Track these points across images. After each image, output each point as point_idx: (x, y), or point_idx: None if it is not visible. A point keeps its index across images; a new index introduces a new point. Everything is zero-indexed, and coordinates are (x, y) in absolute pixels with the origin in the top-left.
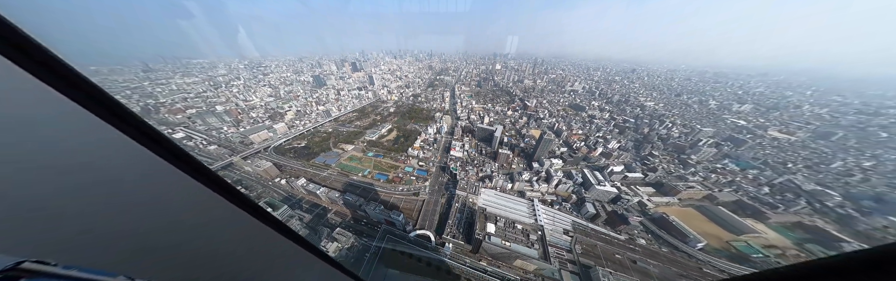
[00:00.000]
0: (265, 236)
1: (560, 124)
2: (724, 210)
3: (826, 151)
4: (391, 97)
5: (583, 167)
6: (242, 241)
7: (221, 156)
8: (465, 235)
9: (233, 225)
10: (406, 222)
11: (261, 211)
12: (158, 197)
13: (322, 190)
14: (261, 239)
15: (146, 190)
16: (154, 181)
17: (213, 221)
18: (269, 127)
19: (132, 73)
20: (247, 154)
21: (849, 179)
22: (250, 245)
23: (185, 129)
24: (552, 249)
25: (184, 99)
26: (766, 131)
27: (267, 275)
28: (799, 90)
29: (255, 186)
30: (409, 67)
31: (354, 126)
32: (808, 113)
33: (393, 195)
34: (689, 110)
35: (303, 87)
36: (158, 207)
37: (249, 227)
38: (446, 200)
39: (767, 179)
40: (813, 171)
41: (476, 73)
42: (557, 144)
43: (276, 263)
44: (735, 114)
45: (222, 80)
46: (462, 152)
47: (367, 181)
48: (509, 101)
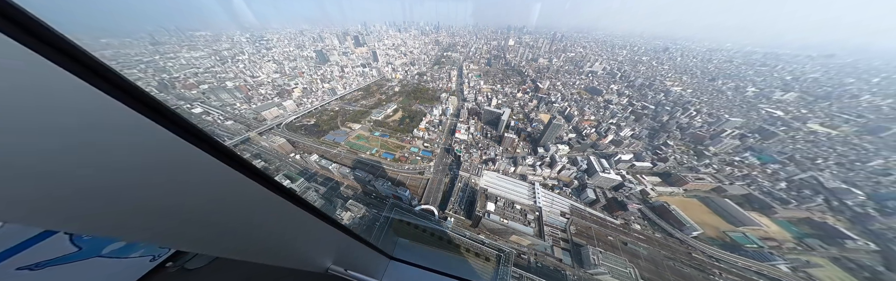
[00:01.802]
0: (286, 209)
1: (572, 109)
2: (729, 202)
3: (869, 147)
4: (396, 75)
5: (589, 154)
6: (267, 214)
7: (238, 131)
8: (466, 211)
9: (255, 199)
10: (412, 197)
11: (278, 185)
12: (180, 174)
13: (334, 166)
14: (283, 212)
15: (166, 166)
16: (177, 161)
17: (233, 195)
18: (279, 104)
19: (141, 46)
20: (262, 130)
21: (883, 178)
22: (274, 217)
23: (202, 105)
24: (547, 229)
25: (194, 74)
26: (805, 124)
27: (295, 243)
28: (864, 77)
29: (274, 160)
30: (415, 42)
31: (360, 105)
32: (865, 104)
33: (399, 173)
34: (721, 97)
35: (306, 63)
36: (184, 184)
37: (270, 201)
38: (450, 180)
39: (788, 175)
40: (844, 168)
41: (486, 49)
42: (567, 130)
43: (299, 233)
44: (774, 103)
45: (228, 55)
46: (467, 135)
47: (375, 159)
48: (520, 83)
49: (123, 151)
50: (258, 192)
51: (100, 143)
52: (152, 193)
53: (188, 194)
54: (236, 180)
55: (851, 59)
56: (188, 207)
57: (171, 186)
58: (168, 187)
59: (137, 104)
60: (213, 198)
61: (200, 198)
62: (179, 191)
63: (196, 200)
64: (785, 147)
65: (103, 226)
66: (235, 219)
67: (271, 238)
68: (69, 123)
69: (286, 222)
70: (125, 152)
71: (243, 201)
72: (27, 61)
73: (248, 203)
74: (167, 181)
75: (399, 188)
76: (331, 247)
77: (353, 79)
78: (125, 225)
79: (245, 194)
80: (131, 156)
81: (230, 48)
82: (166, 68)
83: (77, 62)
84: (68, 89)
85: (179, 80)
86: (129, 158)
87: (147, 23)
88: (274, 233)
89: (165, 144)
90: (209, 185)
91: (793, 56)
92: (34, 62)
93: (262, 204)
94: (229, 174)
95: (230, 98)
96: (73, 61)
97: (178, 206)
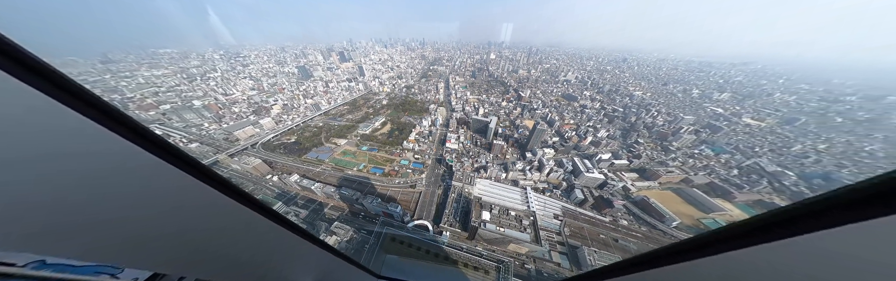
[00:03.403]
0: (267, 229)
1: (553, 114)
2: (697, 191)
3: (789, 135)
4: (383, 89)
5: (573, 156)
6: (246, 233)
7: (205, 154)
8: (462, 223)
9: (235, 218)
10: (404, 214)
11: (259, 204)
12: (144, 187)
13: (317, 185)
14: (263, 232)
15: (130, 181)
16: (139, 173)
17: (200, 207)
18: (255, 122)
19: (88, 64)
20: (233, 151)
21: (804, 160)
22: (254, 237)
23: (161, 127)
24: (543, 233)
25: (154, 94)
26: (741, 118)
27: (270, 263)
28: (772, 79)
29: (246, 183)
30: (401, 57)
31: (346, 120)
32: (777, 100)
33: (390, 188)
34: (674, 99)
35: (288, 79)
36: (146, 198)
37: (250, 219)
38: (443, 191)
39: (737, 163)
40: (776, 154)
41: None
42: (550, 134)
43: (276, 251)
44: (715, 102)
45: (197, 73)
46: (457, 144)
47: (363, 175)
48: (504, 92)
49: (91, 170)
50: (237, 210)
51: (67, 162)
52: (126, 215)
53: (163, 214)
54: (214, 199)
55: (761, 66)
56: (162, 227)
57: (146, 207)
58: (142, 208)
59: (101, 116)
60: (189, 217)
61: (174, 217)
62: (155, 211)
63: (169, 219)
64: (730, 139)
65: (75, 250)
66: (213, 239)
67: (252, 259)
68: (31, 141)
69: (267, 243)
70: (92, 171)
71: (222, 221)
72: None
73: (226, 223)
74: (140, 202)
75: (390, 204)
76: (315, 267)
77: (338, 93)
78: (98, 248)
79: (224, 214)
80: (98, 177)
81: (200, 65)
82: (118, 88)
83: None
84: (33, 106)
85: (134, 101)
86: (94, 180)
87: (101, 41)
88: (255, 254)
89: (141, 164)
90: (185, 204)
91: (721, 64)
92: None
93: (242, 223)
94: (206, 192)
95: (196, 118)
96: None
97: (153, 227)
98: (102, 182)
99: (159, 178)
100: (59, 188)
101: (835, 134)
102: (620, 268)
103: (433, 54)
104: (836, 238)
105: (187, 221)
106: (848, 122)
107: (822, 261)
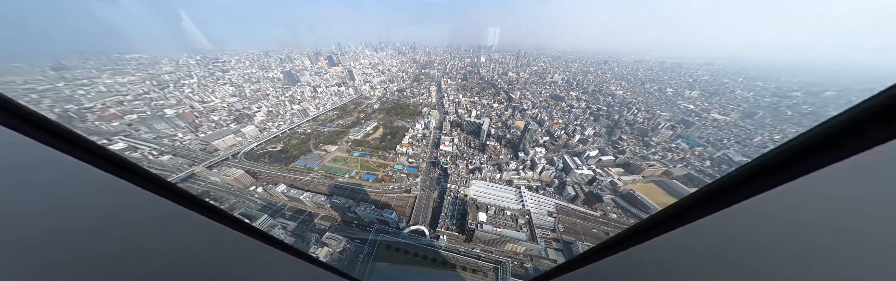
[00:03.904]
0: (227, 238)
1: (542, 114)
2: (677, 183)
3: (750, 128)
4: (374, 93)
5: (563, 154)
6: (222, 249)
7: (179, 166)
8: (459, 226)
9: (209, 235)
10: (399, 220)
11: (216, 211)
12: (83, 203)
13: (306, 195)
14: (222, 241)
15: (73, 199)
16: (84, 190)
17: (148, 221)
18: (236, 131)
19: (37, 72)
20: (212, 162)
21: (763, 150)
22: (210, 249)
23: (126, 139)
24: (538, 231)
25: (119, 102)
26: (709, 113)
27: (242, 278)
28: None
29: (227, 196)
30: (392, 61)
31: (336, 125)
32: (739, 97)
33: (383, 194)
34: (651, 97)
35: (272, 84)
36: (77, 210)
37: (204, 229)
38: (438, 195)
39: (709, 154)
40: (741, 145)
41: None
42: (540, 134)
43: (246, 265)
44: (686, 99)
45: (169, 79)
46: (452, 146)
47: (355, 182)
48: (495, 94)
49: (46, 195)
50: (196, 223)
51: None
52: (84, 237)
53: (99, 229)
54: (167, 211)
55: (722, 66)
56: (101, 246)
57: (76, 221)
58: (74, 223)
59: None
60: (135, 234)
61: (113, 232)
62: (87, 227)
63: (105, 234)
64: (702, 133)
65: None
66: (166, 255)
67: (219, 276)
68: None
69: (237, 257)
70: (49, 196)
71: (175, 235)
72: None
73: (183, 237)
74: (70, 216)
75: (384, 211)
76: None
77: (327, 99)
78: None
79: (177, 226)
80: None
81: (173, 72)
82: (75, 98)
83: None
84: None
85: (94, 111)
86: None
87: (53, 45)
88: (222, 270)
89: (102, 186)
90: (127, 218)
91: (689, 64)
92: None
93: (203, 237)
94: (156, 204)
95: (169, 128)
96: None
97: (84, 245)
98: (20, 197)
99: (87, 186)
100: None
101: (787, 125)
102: (593, 253)
103: (424, 58)
104: (728, 218)
105: (133, 238)
106: (796, 114)
107: (725, 238)
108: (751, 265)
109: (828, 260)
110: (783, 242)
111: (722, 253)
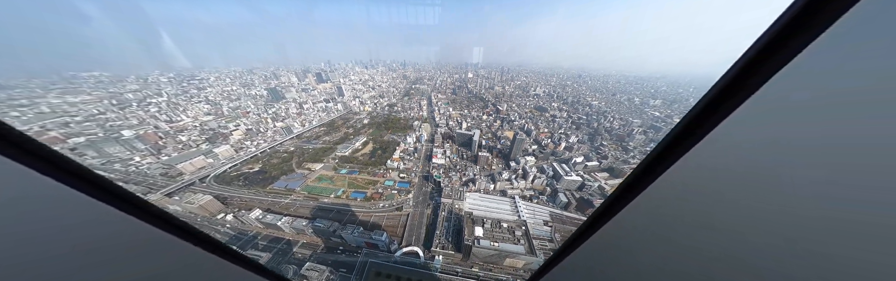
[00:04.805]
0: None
1: (529, 125)
2: None
3: None
4: (364, 108)
5: (552, 161)
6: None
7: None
8: (455, 243)
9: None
10: (390, 242)
11: (202, 237)
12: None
13: (284, 220)
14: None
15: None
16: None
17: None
18: (208, 151)
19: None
20: (173, 189)
21: None
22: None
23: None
24: (536, 242)
25: (64, 124)
26: (672, 119)
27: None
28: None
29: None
30: (383, 77)
31: (323, 142)
32: (693, 104)
33: (373, 214)
34: (623, 106)
35: (254, 102)
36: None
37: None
38: (432, 210)
39: None
40: None
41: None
42: (529, 143)
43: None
44: (652, 107)
45: (133, 98)
46: (444, 159)
47: (342, 203)
48: (483, 107)
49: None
50: (186, 251)
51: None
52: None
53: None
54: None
55: (676, 78)
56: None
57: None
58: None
59: None
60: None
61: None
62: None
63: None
64: None
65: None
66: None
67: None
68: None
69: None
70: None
71: (170, 263)
72: None
73: (178, 264)
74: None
75: (374, 233)
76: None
77: (314, 115)
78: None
79: (171, 254)
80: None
81: (139, 90)
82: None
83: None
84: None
85: (30, 134)
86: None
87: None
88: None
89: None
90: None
91: (648, 76)
92: None
93: (195, 265)
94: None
95: (123, 152)
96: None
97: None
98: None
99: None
100: None
101: None
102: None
103: (415, 74)
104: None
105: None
106: None
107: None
108: (665, 233)
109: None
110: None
111: (655, 227)
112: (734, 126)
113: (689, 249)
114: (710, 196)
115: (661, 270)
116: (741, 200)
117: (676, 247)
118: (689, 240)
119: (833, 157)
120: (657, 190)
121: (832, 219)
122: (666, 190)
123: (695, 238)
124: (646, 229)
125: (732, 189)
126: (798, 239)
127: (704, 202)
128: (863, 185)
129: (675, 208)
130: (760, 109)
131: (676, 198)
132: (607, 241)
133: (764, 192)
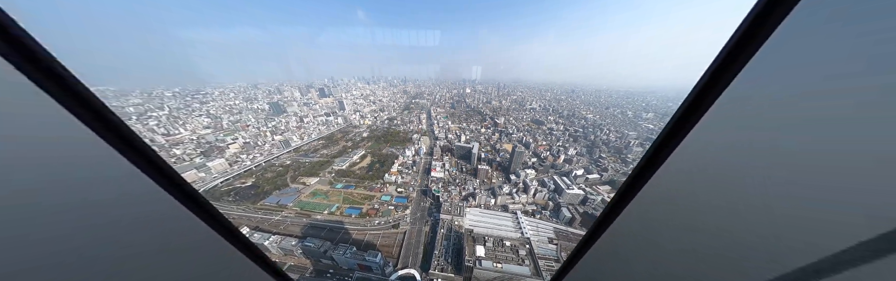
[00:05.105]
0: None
1: (527, 137)
2: None
3: None
4: (365, 122)
5: (552, 174)
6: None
7: None
8: (455, 264)
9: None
10: (385, 263)
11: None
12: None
13: (272, 239)
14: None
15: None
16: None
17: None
18: (201, 165)
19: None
20: None
21: None
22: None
23: None
24: (542, 262)
25: None
26: None
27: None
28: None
29: None
30: (384, 92)
31: (320, 155)
32: None
33: (368, 232)
34: (617, 119)
35: (255, 115)
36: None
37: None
38: (430, 228)
39: None
40: None
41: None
42: (528, 156)
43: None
44: (645, 120)
45: (133, 111)
46: (443, 172)
47: (335, 219)
48: (481, 120)
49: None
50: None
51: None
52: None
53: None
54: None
55: (664, 92)
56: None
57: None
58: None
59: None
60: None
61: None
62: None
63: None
64: None
65: None
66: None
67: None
68: None
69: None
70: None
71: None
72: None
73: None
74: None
75: (367, 253)
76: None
77: (313, 128)
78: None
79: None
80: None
81: (141, 104)
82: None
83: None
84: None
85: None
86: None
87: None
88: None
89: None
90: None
91: (639, 92)
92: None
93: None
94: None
95: None
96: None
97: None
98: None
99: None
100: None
101: None
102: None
103: (415, 89)
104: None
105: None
106: None
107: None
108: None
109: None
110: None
111: (647, 232)
112: (704, 130)
113: (677, 253)
114: (688, 198)
115: (653, 275)
116: (714, 201)
117: (664, 251)
118: (677, 243)
119: (787, 157)
120: (646, 196)
121: (795, 217)
122: (653, 195)
123: (681, 241)
124: (638, 236)
125: (707, 191)
126: (769, 236)
127: (686, 205)
128: (820, 185)
129: (661, 213)
130: (725, 113)
131: (662, 202)
132: (606, 250)
133: (733, 192)
